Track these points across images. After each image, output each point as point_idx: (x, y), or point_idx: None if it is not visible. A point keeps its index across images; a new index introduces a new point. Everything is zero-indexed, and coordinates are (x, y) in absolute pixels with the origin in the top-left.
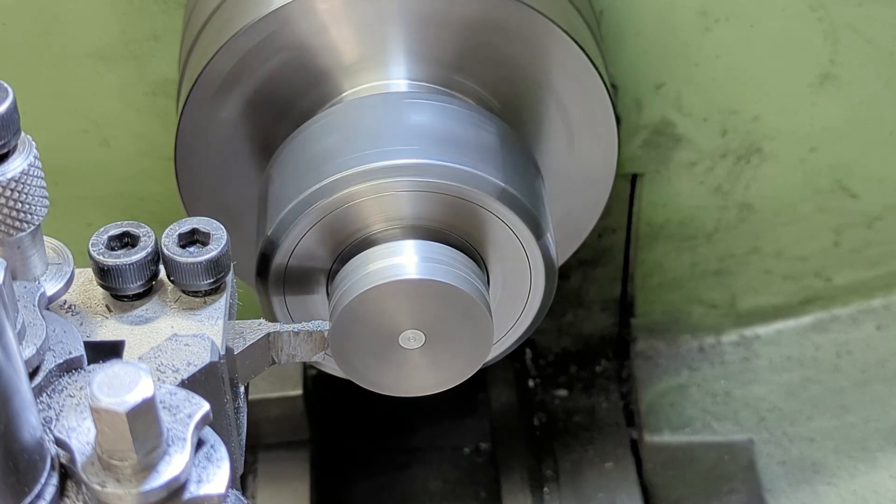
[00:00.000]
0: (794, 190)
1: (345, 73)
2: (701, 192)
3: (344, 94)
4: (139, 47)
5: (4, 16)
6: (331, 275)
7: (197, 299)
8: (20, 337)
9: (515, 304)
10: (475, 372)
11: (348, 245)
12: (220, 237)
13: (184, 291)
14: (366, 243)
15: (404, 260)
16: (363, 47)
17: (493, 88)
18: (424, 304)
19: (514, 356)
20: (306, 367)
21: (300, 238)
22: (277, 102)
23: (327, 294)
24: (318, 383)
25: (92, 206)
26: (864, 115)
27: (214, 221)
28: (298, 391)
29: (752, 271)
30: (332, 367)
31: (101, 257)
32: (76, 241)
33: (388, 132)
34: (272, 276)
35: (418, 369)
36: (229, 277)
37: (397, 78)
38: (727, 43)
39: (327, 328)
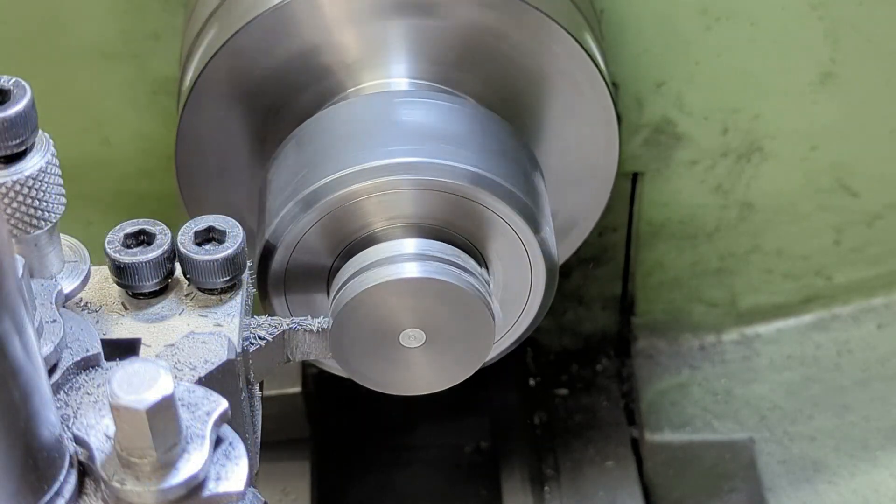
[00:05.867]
0: (794, 188)
1: (345, 71)
2: (702, 191)
3: (345, 93)
4: (140, 46)
5: (5, 14)
6: (332, 273)
7: (213, 297)
8: (38, 334)
9: (516, 302)
10: (475, 371)
11: (349, 243)
12: (235, 235)
13: (200, 289)
14: (367, 241)
15: (405, 258)
16: (364, 45)
17: (494, 87)
18: (425, 303)
19: (514, 355)
20: (306, 364)
21: (301, 236)
22: (278, 101)
23: (328, 292)
24: (317, 381)
25: (92, 204)
26: (864, 114)
27: (230, 219)
28: (297, 388)
29: (752, 270)
30: (333, 366)
31: (117, 255)
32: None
33: (389, 130)
34: (273, 275)
35: (419, 368)
36: (245, 275)
37: (398, 76)
38: (728, 41)
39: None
